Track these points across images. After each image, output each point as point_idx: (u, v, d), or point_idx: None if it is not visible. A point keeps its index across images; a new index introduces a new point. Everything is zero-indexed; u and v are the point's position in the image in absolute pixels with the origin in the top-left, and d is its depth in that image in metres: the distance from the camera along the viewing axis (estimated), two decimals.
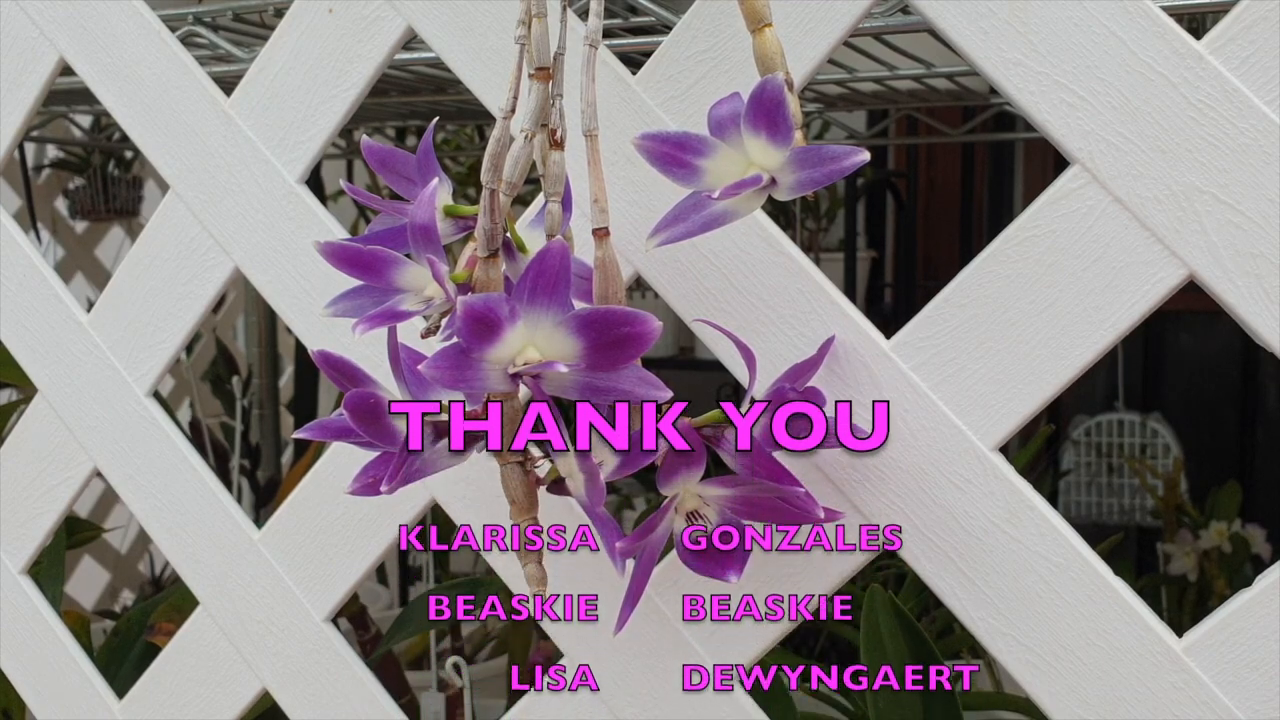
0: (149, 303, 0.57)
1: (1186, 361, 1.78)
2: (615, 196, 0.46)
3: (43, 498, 0.62)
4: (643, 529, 0.38)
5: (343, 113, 0.52)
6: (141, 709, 0.60)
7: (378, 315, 0.40)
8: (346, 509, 0.54)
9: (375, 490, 0.40)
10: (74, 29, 0.57)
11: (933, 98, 0.90)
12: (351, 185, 0.48)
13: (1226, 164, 0.39)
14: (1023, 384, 0.42)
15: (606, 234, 0.39)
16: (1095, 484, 1.57)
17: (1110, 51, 0.40)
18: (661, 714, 0.48)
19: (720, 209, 0.38)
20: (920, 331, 0.43)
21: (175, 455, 0.57)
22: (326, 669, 0.55)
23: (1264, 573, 0.40)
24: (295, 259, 0.53)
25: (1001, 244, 0.42)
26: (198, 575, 0.57)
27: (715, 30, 0.45)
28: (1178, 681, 0.41)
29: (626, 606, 0.40)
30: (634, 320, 0.35)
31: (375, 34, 0.51)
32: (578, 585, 0.49)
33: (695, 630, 0.47)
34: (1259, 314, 0.39)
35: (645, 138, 0.39)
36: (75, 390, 0.59)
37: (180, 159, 0.55)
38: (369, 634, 0.95)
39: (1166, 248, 0.40)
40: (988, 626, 0.43)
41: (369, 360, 0.44)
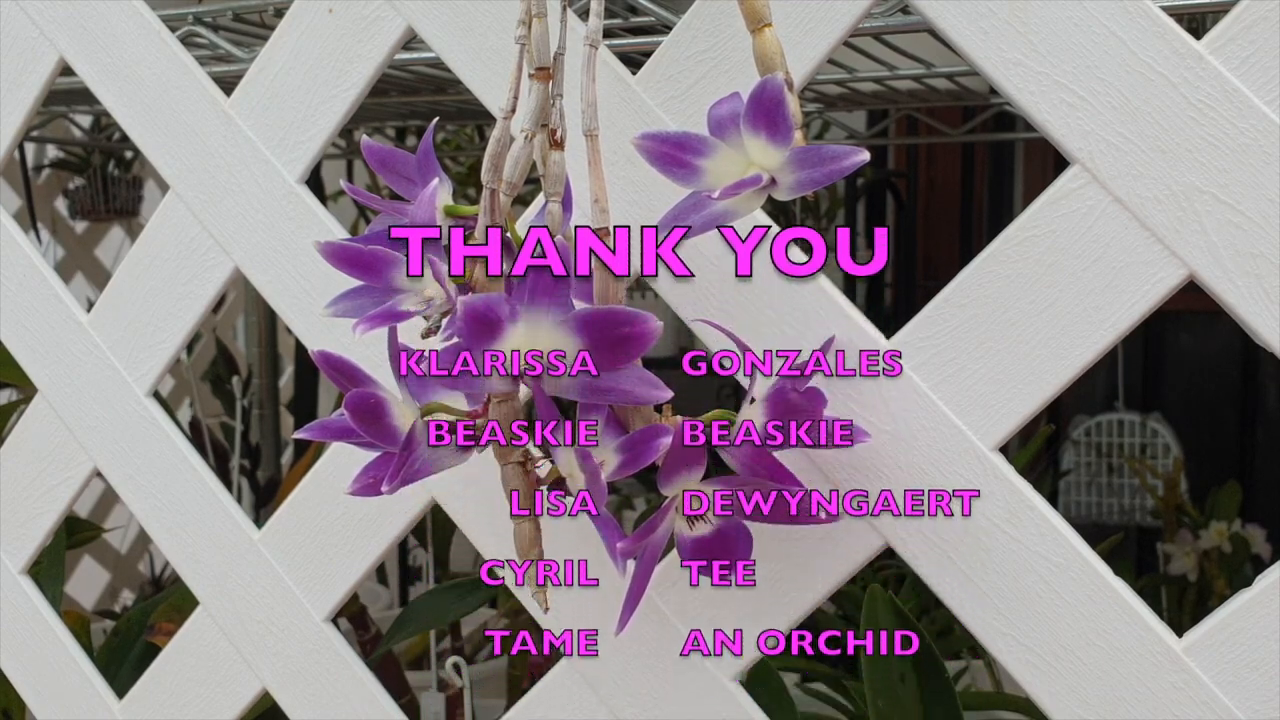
0: (149, 303, 0.57)
1: (1186, 361, 1.78)
2: (615, 196, 0.46)
3: (43, 498, 0.62)
4: (644, 529, 0.38)
5: (343, 113, 0.52)
6: (141, 709, 0.60)
7: (378, 315, 0.40)
8: (346, 509, 0.54)
9: (375, 490, 0.40)
10: (74, 29, 0.57)
11: (933, 98, 0.90)
12: (351, 185, 0.48)
13: (1226, 164, 0.39)
14: (1023, 384, 0.42)
15: (607, 234, 0.39)
16: (1095, 484, 1.56)
17: (1110, 51, 0.40)
18: (661, 714, 0.48)
19: (720, 209, 0.38)
20: (920, 331, 0.43)
21: (175, 455, 0.57)
22: (326, 669, 0.55)
23: (1264, 573, 0.40)
24: (295, 259, 0.53)
25: (1001, 244, 0.42)
26: (198, 575, 0.57)
27: (715, 30, 0.45)
28: (1178, 681, 0.41)
29: (627, 607, 0.40)
30: (634, 320, 0.35)
31: (375, 34, 0.51)
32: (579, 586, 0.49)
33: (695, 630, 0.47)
34: (1259, 314, 0.39)
35: (645, 138, 0.39)
36: (75, 390, 0.59)
37: (180, 159, 0.55)
38: (369, 634, 0.95)
39: (1166, 248, 0.40)
40: (988, 626, 0.43)
41: (369, 360, 0.44)
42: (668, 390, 0.36)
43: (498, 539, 0.51)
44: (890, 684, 0.52)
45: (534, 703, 0.51)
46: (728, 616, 0.47)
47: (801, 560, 0.45)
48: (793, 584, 0.45)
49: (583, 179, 0.40)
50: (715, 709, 0.47)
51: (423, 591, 0.86)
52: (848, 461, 0.44)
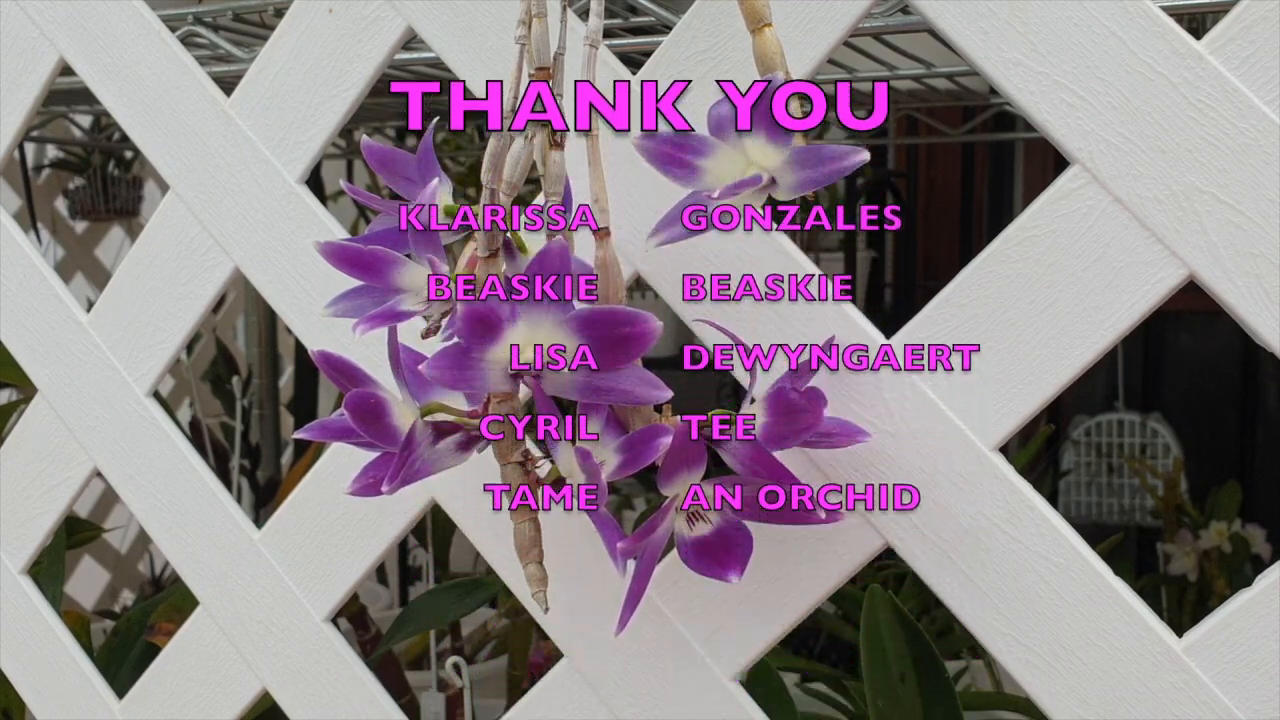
0: (149, 303, 0.57)
1: (1186, 361, 1.78)
2: (615, 196, 0.46)
3: (43, 498, 0.62)
4: (644, 529, 0.38)
5: (343, 113, 0.52)
6: (141, 709, 0.60)
7: (378, 315, 0.40)
8: (346, 509, 0.54)
9: (375, 490, 0.40)
10: (74, 29, 0.57)
11: (933, 98, 0.90)
12: (351, 185, 0.48)
13: (1226, 164, 0.39)
14: (1023, 384, 0.42)
15: (607, 234, 0.39)
16: (1095, 484, 1.57)
17: (1110, 51, 0.40)
18: (661, 714, 0.48)
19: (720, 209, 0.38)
20: (920, 331, 0.43)
21: (175, 455, 0.57)
22: (326, 669, 0.55)
23: (1264, 573, 0.40)
24: (295, 259, 0.53)
25: (1001, 244, 0.42)
26: (198, 575, 0.57)
27: (715, 30, 0.45)
28: (1178, 681, 0.41)
29: (627, 607, 0.40)
30: (634, 320, 0.35)
31: (375, 34, 0.51)
32: (580, 587, 0.49)
33: (695, 630, 0.47)
34: (1259, 314, 0.39)
35: (645, 138, 0.39)
36: (75, 390, 0.59)
37: (180, 159, 0.55)
38: (369, 634, 0.95)
39: (1166, 248, 0.40)
40: (988, 626, 0.43)
41: (369, 360, 0.44)
42: (668, 390, 0.36)
43: (498, 539, 0.51)
44: (890, 684, 0.52)
45: (534, 703, 0.51)
46: (728, 616, 0.47)
47: (801, 560, 0.45)
48: (793, 584, 0.45)
49: (583, 179, 0.40)
50: (715, 709, 0.47)
51: (423, 591, 0.86)
52: (847, 461, 0.44)
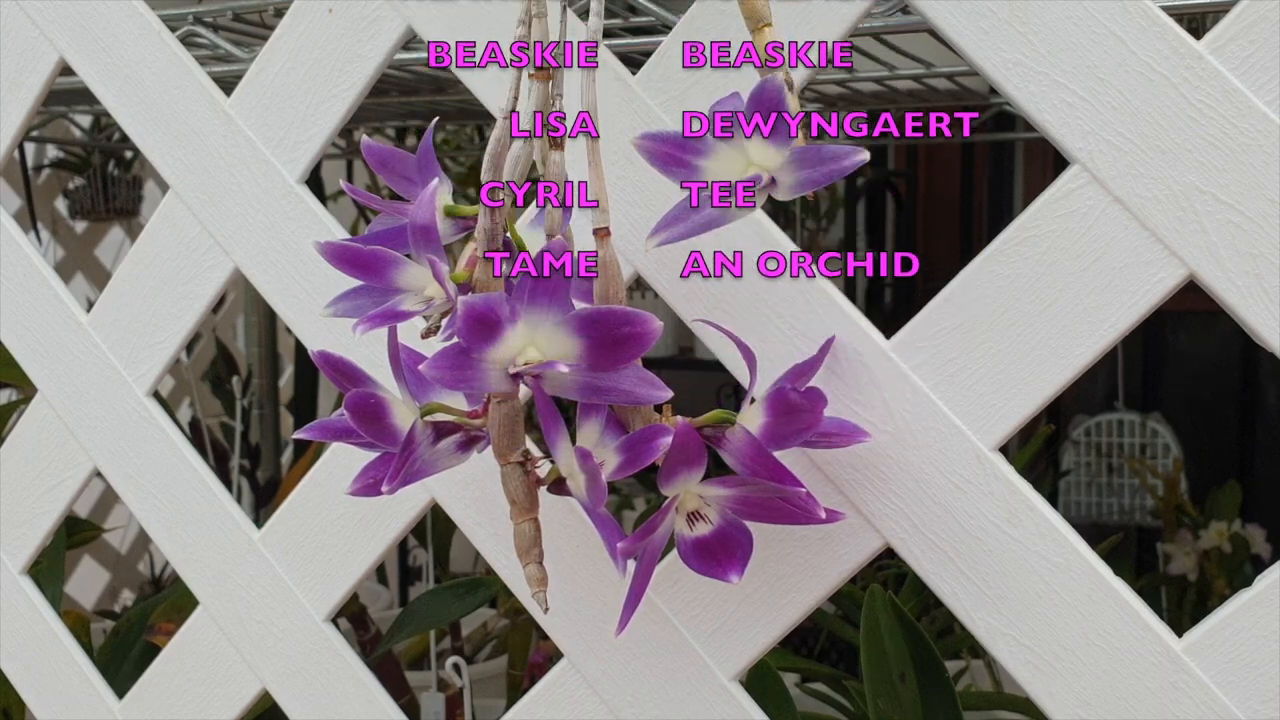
0: (149, 303, 0.57)
1: (1186, 361, 1.78)
2: (615, 196, 0.46)
3: (43, 498, 0.62)
4: (644, 529, 0.38)
5: (343, 113, 0.52)
6: (141, 709, 0.60)
7: (378, 315, 0.40)
8: (346, 509, 0.54)
9: (375, 491, 0.40)
10: (74, 29, 0.57)
11: (933, 98, 0.90)
12: (351, 185, 0.48)
13: (1226, 164, 0.39)
14: (1023, 384, 0.42)
15: (607, 234, 0.39)
16: (1095, 484, 1.57)
17: (1110, 51, 0.40)
18: (661, 714, 0.48)
19: (720, 209, 0.38)
20: (920, 331, 0.43)
21: (175, 455, 0.57)
22: (326, 669, 0.55)
23: (1264, 573, 0.40)
24: (295, 259, 0.53)
25: (1001, 244, 0.42)
26: (198, 575, 0.57)
27: (715, 30, 0.45)
28: (1178, 681, 0.41)
29: (628, 607, 0.40)
30: (634, 320, 0.35)
31: (375, 34, 0.51)
32: (580, 587, 0.49)
33: (695, 630, 0.47)
34: (1259, 314, 0.39)
35: (645, 138, 0.39)
36: (75, 390, 0.59)
37: (180, 159, 0.55)
38: (369, 634, 0.95)
39: (1166, 248, 0.40)
40: (988, 626, 0.43)
41: (369, 360, 0.44)
42: (668, 390, 0.36)
43: (497, 539, 0.51)
44: (890, 684, 0.52)
45: (534, 703, 0.51)
46: (728, 616, 0.47)
47: (801, 560, 0.45)
48: (793, 584, 0.45)
49: (583, 179, 0.40)
50: (715, 709, 0.47)
51: (423, 591, 0.86)
52: (847, 461, 0.44)
